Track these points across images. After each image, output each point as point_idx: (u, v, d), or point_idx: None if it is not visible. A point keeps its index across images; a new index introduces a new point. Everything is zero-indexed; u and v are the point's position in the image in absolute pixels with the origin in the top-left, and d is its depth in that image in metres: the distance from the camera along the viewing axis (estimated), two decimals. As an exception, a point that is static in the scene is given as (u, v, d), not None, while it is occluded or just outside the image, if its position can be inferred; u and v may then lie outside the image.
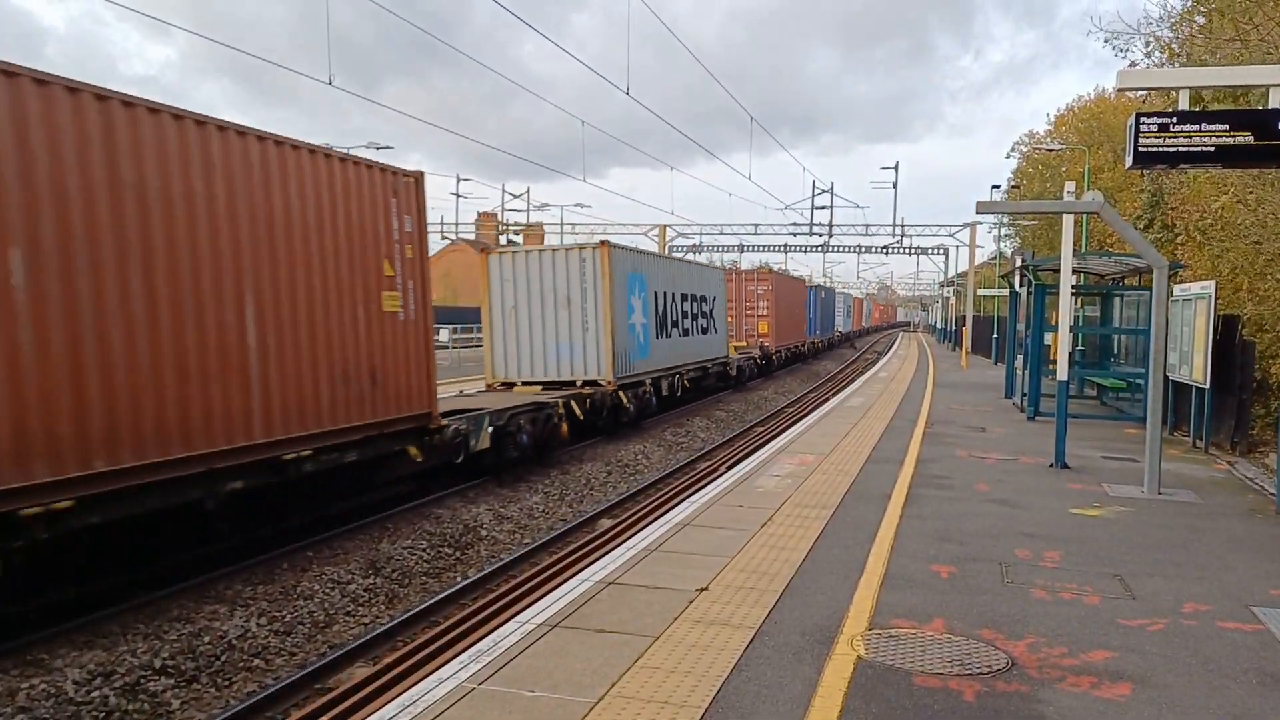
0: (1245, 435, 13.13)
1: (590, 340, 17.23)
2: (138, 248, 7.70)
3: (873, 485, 9.97)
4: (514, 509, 12.67)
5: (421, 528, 11.16)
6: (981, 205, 18.35)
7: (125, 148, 7.62)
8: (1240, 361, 13.11)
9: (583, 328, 17.24)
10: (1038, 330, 16.33)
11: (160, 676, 6.96)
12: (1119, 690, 4.67)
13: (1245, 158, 8.42)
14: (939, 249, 61.07)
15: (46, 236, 6.97)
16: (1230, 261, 14.69)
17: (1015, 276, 21.42)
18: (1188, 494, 9.88)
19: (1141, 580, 6.61)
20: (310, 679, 7.08)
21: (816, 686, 4.67)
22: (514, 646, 5.19)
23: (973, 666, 4.95)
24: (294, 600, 8.61)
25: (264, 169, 9.15)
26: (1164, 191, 20.80)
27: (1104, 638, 5.41)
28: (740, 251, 60.75)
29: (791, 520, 8.27)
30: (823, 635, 5.39)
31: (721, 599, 6.03)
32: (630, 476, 15.65)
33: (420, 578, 9.85)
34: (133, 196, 7.67)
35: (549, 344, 17.37)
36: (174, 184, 8.07)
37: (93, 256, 7.32)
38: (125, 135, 7.64)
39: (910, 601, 6.03)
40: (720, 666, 4.90)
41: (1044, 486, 10.14)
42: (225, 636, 7.64)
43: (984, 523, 8.32)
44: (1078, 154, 34.36)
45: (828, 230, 54.42)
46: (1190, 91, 8.82)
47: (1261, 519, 8.76)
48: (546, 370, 17.40)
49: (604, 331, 17.17)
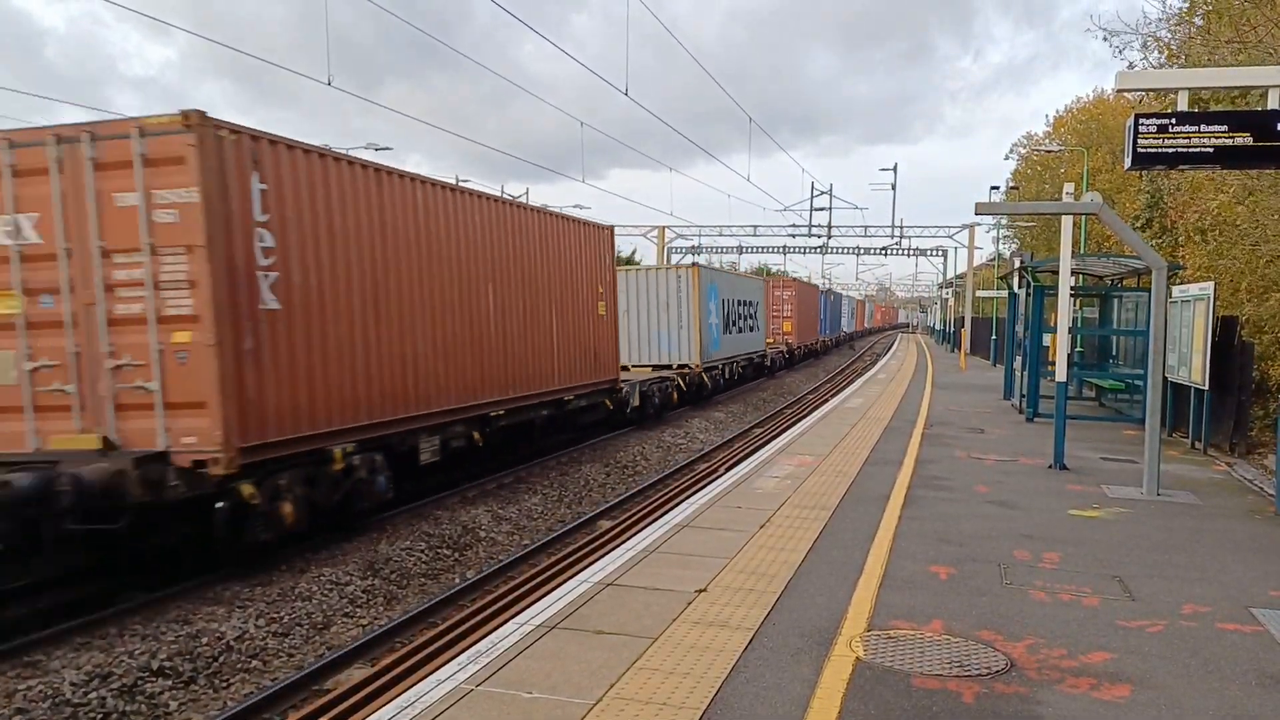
0: (1244, 436, 13.13)
1: (684, 335, 23.61)
2: (507, 285, 14.08)
3: (871, 486, 9.97)
4: (512, 510, 12.66)
5: (420, 529, 11.14)
6: (980, 206, 18.35)
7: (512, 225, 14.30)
8: (1239, 363, 13.10)
9: (678, 326, 23.61)
10: (1036, 331, 16.33)
11: (158, 678, 6.95)
12: (1118, 692, 4.66)
13: (1244, 159, 8.42)
14: (938, 250, 61.00)
15: (496, 277, 13.67)
16: (1228, 263, 14.70)
17: (1014, 278, 21.43)
18: (1187, 495, 9.87)
19: (1141, 581, 6.60)
20: (308, 680, 7.07)
21: (815, 688, 4.66)
22: (512, 648, 5.18)
23: (972, 668, 4.94)
24: (292, 601, 8.59)
25: (542, 230, 15.35)
26: (1162, 193, 20.82)
27: (1103, 639, 5.41)
28: (739, 253, 60.74)
29: (790, 521, 8.26)
30: (821, 636, 5.38)
31: (720, 600, 6.02)
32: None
33: (418, 579, 9.84)
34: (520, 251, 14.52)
35: (654, 337, 23.64)
36: (513, 243, 14.27)
37: (511, 290, 14.14)
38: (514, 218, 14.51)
39: (909, 603, 6.02)
40: (719, 668, 4.89)
41: (1043, 488, 10.13)
42: (223, 638, 7.63)
43: (983, 524, 8.31)
44: (1076, 155, 34.37)
45: (827, 232, 54.40)
46: (1189, 92, 8.82)
47: (1261, 520, 8.75)
48: (652, 357, 23.61)
49: (694, 329, 23.65)
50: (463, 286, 12.66)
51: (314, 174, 9.73)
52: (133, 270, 8.43)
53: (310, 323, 9.63)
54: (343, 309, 10.16)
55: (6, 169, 8.60)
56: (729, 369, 27.50)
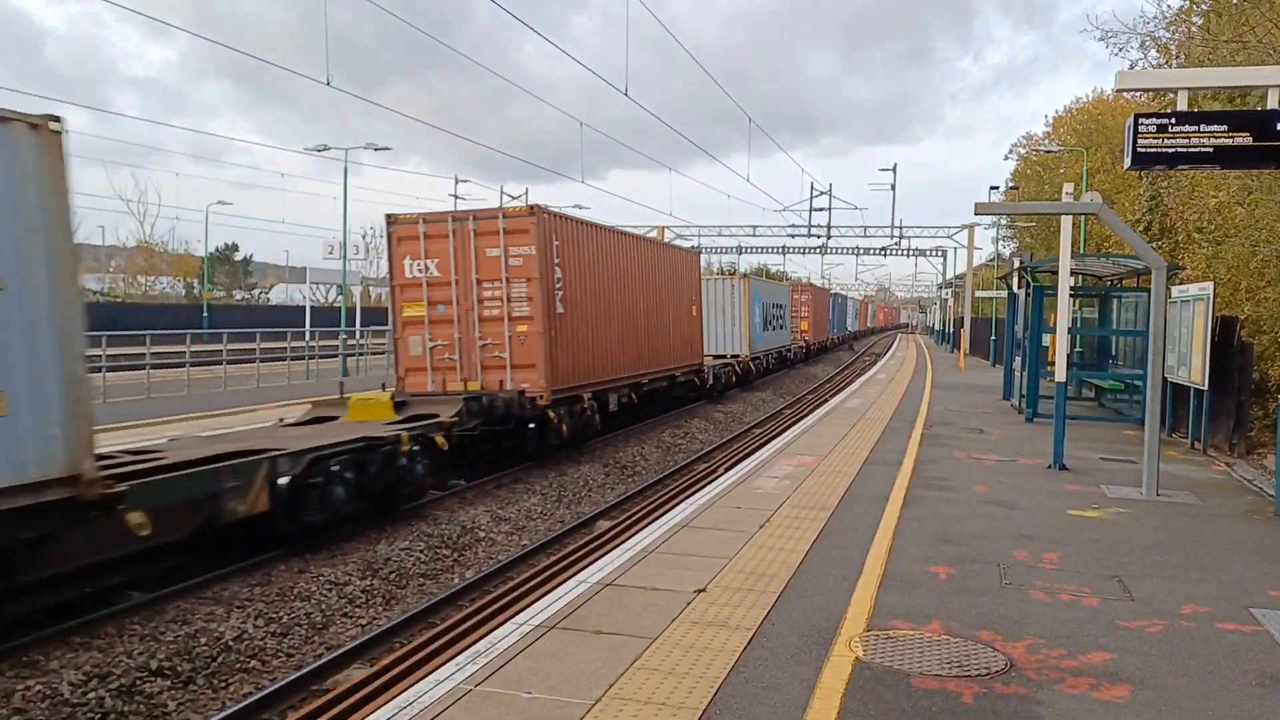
0: (1244, 437, 13.12)
1: (737, 331, 29.72)
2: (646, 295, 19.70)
3: (871, 487, 9.96)
4: (512, 510, 12.65)
5: (419, 529, 11.13)
6: (980, 206, 18.30)
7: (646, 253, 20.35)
8: (1238, 363, 13.10)
9: (733, 324, 29.67)
10: (1036, 332, 16.33)
11: (156, 678, 6.94)
12: (1118, 692, 4.66)
13: (1244, 158, 8.42)
14: (937, 251, 61.03)
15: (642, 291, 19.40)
16: (1226, 262, 14.69)
17: (1013, 278, 21.43)
18: (1186, 495, 9.87)
19: (1140, 582, 6.60)
20: (307, 680, 7.06)
21: (814, 688, 4.65)
22: (511, 648, 5.17)
23: (971, 668, 4.93)
24: (291, 601, 8.58)
25: (660, 255, 21.47)
26: (1162, 195, 20.81)
27: (1103, 639, 5.40)
28: (739, 253, 60.80)
29: (790, 521, 8.26)
30: (821, 637, 5.38)
31: (719, 600, 6.01)
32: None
33: (418, 579, 9.83)
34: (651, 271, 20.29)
35: (716, 333, 28.93)
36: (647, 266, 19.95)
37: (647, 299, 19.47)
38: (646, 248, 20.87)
39: (908, 603, 6.02)
40: (718, 668, 4.88)
41: (1042, 488, 10.13)
42: (222, 638, 7.62)
43: (982, 524, 8.31)
44: (1076, 156, 34.37)
45: (826, 232, 54.41)
46: (1189, 92, 8.81)
47: (1260, 520, 8.75)
48: (714, 348, 28.54)
49: (744, 327, 29.86)
50: (629, 298, 18.70)
51: (577, 233, 16.14)
52: (494, 291, 14.61)
53: (575, 322, 15.69)
54: (586, 314, 16.27)
55: (422, 235, 14.87)
56: (766, 359, 34.10)
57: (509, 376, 14.54)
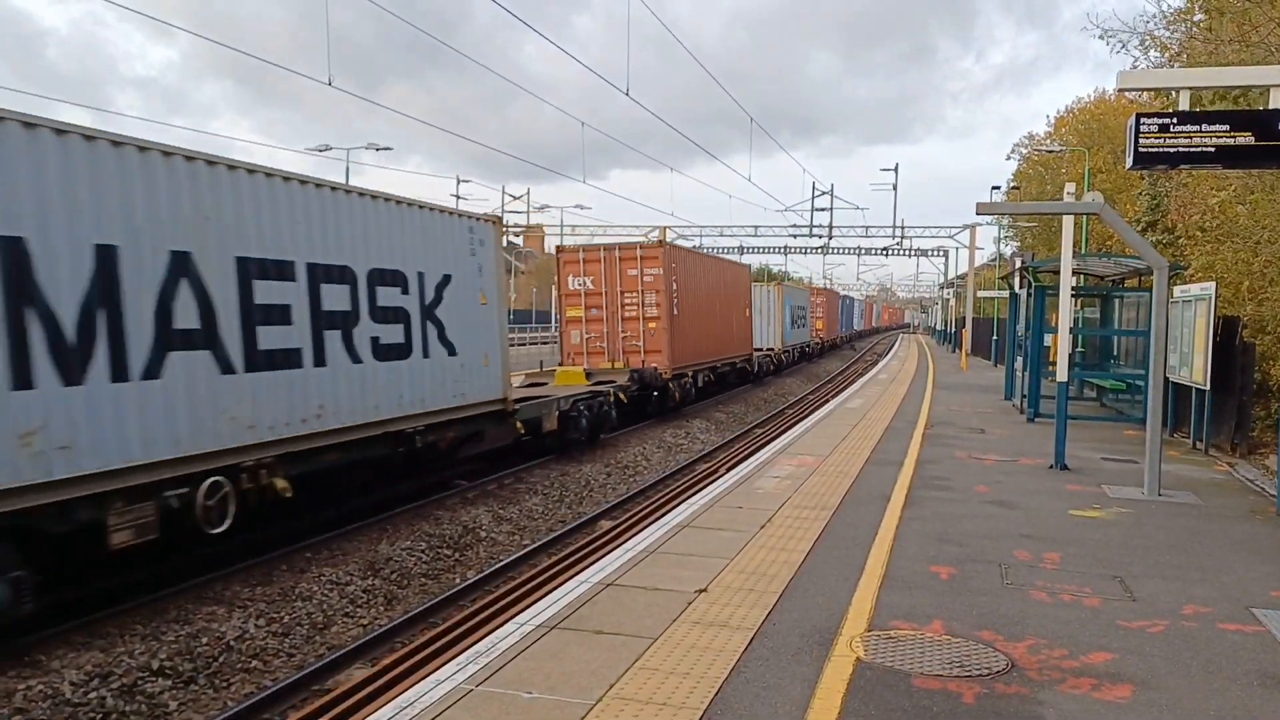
0: (1246, 437, 13.10)
1: (772, 329, 35.38)
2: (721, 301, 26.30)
3: (872, 487, 9.96)
4: (513, 510, 12.65)
5: (420, 529, 11.14)
6: (981, 206, 18.33)
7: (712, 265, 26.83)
8: (1240, 363, 13.07)
9: (768, 322, 35.05)
10: (1037, 332, 16.31)
11: (158, 678, 6.94)
12: (1119, 692, 4.66)
13: (1246, 158, 8.40)
14: (939, 251, 61.05)
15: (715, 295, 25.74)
16: (1227, 261, 14.66)
17: (1015, 278, 21.42)
18: (1188, 496, 9.86)
19: (1142, 582, 6.59)
20: (309, 680, 7.07)
21: (815, 688, 4.65)
22: (512, 648, 5.17)
23: (972, 668, 4.93)
24: (292, 601, 8.59)
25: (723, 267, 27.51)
26: (1163, 195, 20.78)
27: (1104, 639, 5.40)
28: (740, 253, 60.65)
29: (791, 521, 8.25)
30: (822, 637, 5.37)
31: (721, 600, 6.01)
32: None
33: (419, 579, 9.84)
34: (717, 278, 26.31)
35: (755, 329, 32.25)
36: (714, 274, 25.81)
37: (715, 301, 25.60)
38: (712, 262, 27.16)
39: (909, 603, 6.01)
40: (719, 668, 4.88)
41: (1044, 488, 10.12)
42: (223, 638, 7.63)
43: (983, 524, 8.30)
44: (1077, 155, 34.34)
45: (828, 232, 54.40)
46: (1190, 92, 8.80)
47: (1262, 521, 8.74)
48: (755, 343, 32.12)
49: (777, 324, 35.83)
50: (712, 303, 24.75)
51: (686, 258, 22.82)
52: (632, 299, 20.75)
53: (684, 321, 21.71)
54: (690, 316, 22.28)
55: (581, 259, 21.25)
56: (793, 353, 40.56)
57: (644, 359, 20.81)
